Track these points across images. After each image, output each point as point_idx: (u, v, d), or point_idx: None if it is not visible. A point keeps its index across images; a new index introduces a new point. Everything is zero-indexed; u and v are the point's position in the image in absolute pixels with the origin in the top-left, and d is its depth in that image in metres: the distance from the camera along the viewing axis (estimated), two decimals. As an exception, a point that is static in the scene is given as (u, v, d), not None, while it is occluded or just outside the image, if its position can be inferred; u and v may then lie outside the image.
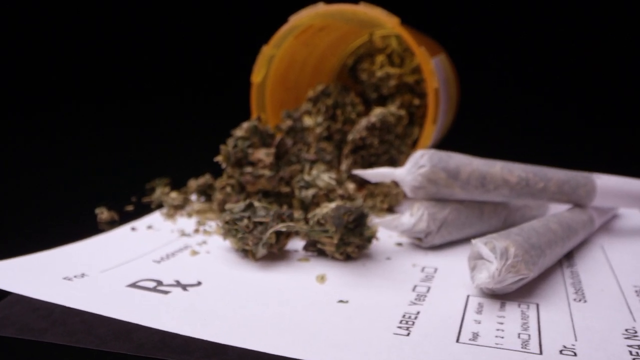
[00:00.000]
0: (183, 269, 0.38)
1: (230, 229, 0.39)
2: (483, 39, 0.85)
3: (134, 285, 0.34)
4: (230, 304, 0.32)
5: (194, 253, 0.41)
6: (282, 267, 0.38)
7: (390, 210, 0.52)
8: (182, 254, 0.41)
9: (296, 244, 0.43)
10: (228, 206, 0.40)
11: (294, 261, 0.39)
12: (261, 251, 0.38)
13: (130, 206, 0.54)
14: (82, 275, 0.36)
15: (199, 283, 0.35)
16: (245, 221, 0.38)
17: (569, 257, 0.41)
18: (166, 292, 0.33)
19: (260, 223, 0.39)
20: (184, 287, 0.34)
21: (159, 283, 0.35)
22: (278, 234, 0.39)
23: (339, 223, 0.37)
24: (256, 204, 0.40)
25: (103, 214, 0.50)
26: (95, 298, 0.32)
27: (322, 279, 0.36)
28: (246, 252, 0.40)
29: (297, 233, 0.43)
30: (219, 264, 0.39)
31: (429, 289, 0.35)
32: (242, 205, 0.39)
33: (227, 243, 0.42)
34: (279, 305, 0.32)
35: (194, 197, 0.55)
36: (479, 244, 0.34)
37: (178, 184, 0.57)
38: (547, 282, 0.36)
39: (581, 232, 0.42)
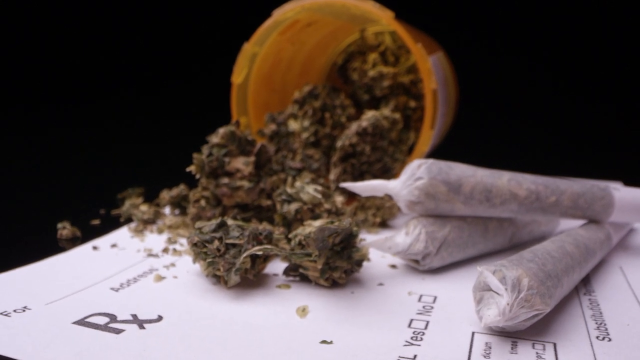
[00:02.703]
0: (144, 300, 0.32)
1: (199, 252, 0.34)
2: (483, 36, 0.80)
3: (82, 321, 0.29)
4: (192, 348, 0.27)
5: (159, 278, 0.36)
6: (259, 296, 0.33)
7: (384, 224, 0.47)
8: (146, 280, 0.36)
9: (276, 265, 0.38)
10: (198, 225, 0.35)
11: (272, 288, 0.34)
12: (234, 279, 0.33)
13: (97, 220, 0.49)
14: (24, 308, 0.31)
15: (160, 318, 0.30)
16: (216, 243, 0.33)
17: (585, 282, 0.36)
18: (119, 331, 0.28)
19: (234, 245, 0.34)
20: (141, 323, 0.29)
21: (113, 318, 0.30)
22: (254, 257, 0.34)
23: (323, 246, 0.32)
24: (230, 222, 0.35)
25: (64, 229, 0.45)
26: (33, 341, 0.27)
27: (303, 311, 0.31)
28: (218, 277, 0.35)
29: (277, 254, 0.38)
30: (186, 292, 0.34)
31: (427, 324, 0.30)
32: (213, 224, 0.34)
33: (198, 266, 0.37)
34: (251, 349, 0.27)
35: (167, 209, 0.50)
36: (486, 273, 0.29)
37: (154, 194, 0.52)
38: (564, 314, 0.31)
39: (599, 253, 0.37)
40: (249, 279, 0.35)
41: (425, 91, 0.49)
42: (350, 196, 0.49)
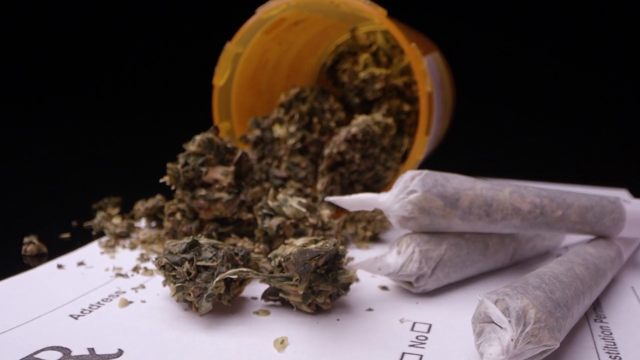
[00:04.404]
0: (105, 329, 0.29)
1: (168, 275, 0.31)
2: (481, 35, 0.77)
3: (30, 358, 0.26)
4: (151, 392, 0.23)
5: (125, 303, 0.32)
6: (234, 324, 0.30)
7: (375, 238, 0.43)
8: (111, 305, 0.32)
9: (256, 287, 0.34)
10: (167, 244, 0.32)
11: (249, 314, 0.31)
12: (205, 306, 0.29)
13: (67, 233, 0.45)
14: (-33, 342, 0.27)
15: (119, 353, 0.27)
16: (186, 265, 0.30)
17: (595, 306, 0.33)
18: (70, 370, 0.25)
19: (206, 267, 0.30)
20: (97, 360, 0.26)
21: (66, 354, 0.27)
22: (229, 280, 0.31)
23: (305, 270, 0.28)
24: (203, 240, 0.32)
25: (30, 244, 0.41)
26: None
27: (282, 344, 0.28)
28: (190, 302, 0.31)
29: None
30: (153, 320, 0.30)
31: (420, 358, 0.27)
32: (183, 243, 0.31)
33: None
34: (218, 391, 0.24)
35: (143, 222, 0.47)
36: (487, 303, 0.25)
37: (132, 205, 0.48)
38: (574, 347, 0.28)
39: (609, 273, 0.34)
40: (224, 305, 0.32)
41: (419, 94, 0.45)
42: (339, 208, 0.45)
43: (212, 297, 0.30)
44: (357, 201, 0.34)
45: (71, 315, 0.31)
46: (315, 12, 0.51)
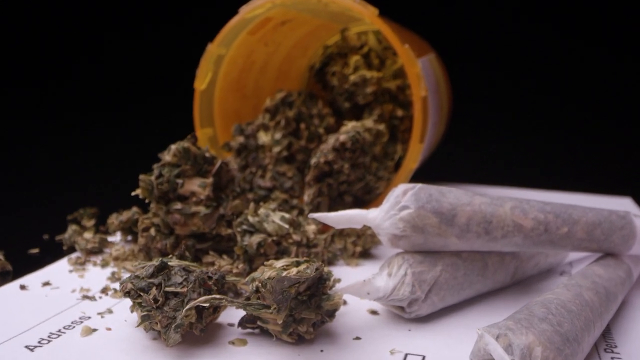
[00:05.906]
0: (62, 363, 0.26)
1: (134, 302, 0.28)
2: (479, 36, 0.74)
3: (-29, 401, 0.23)
4: None
5: (89, 332, 0.29)
6: (206, 356, 0.27)
7: (366, 254, 0.40)
8: (72, 333, 0.29)
9: (233, 312, 0.31)
10: (134, 266, 0.29)
11: (224, 344, 0.28)
12: (174, 337, 0.26)
13: (36, 249, 0.42)
14: None
15: (74, 393, 0.24)
16: (154, 292, 0.27)
17: (605, 333, 0.30)
18: (15, 416, 0.22)
19: (175, 294, 0.27)
20: (47, 403, 0.23)
21: (13, 395, 0.24)
22: (202, 307, 0.28)
23: (283, 299, 0.26)
24: (173, 263, 0.29)
25: (-6, 262, 0.38)
26: None
27: (258, 381, 0.25)
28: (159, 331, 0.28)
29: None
30: (118, 351, 0.27)
31: (413, 399, 0.24)
32: (151, 266, 0.28)
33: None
34: None
35: (118, 236, 0.44)
36: (487, 338, 0.22)
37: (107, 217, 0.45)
38: (584, 383, 0.25)
39: (620, 297, 0.31)
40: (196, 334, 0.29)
41: (413, 99, 0.43)
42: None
43: (181, 328, 0.27)
44: (345, 218, 0.31)
45: (27, 347, 0.28)
46: (303, 12, 0.48)
